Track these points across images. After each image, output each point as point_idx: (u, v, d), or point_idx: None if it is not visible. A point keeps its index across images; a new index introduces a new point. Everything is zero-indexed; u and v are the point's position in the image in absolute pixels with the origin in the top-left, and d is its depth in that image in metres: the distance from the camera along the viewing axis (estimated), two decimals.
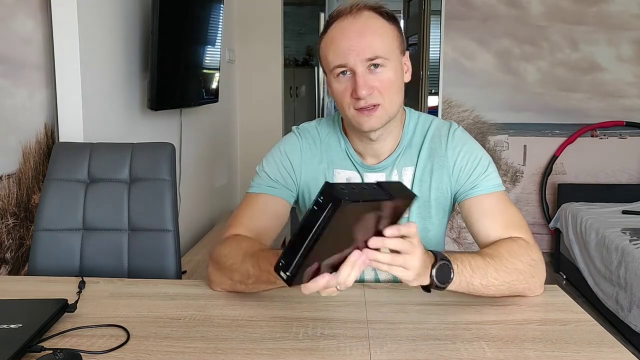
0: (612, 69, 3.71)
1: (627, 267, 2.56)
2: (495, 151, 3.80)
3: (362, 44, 1.06)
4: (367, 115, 1.09)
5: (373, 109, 1.08)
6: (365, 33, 1.06)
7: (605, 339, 0.89)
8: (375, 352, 0.84)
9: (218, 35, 2.72)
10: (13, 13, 1.67)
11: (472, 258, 0.99)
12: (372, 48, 1.06)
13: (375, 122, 1.10)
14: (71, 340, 0.89)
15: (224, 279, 1.07)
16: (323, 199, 0.71)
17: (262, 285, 1.02)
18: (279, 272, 0.76)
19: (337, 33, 1.09)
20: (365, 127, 1.10)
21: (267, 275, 0.97)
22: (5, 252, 1.66)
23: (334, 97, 1.13)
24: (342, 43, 1.07)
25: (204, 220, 2.95)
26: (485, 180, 1.17)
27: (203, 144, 2.91)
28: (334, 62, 1.08)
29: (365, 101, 1.07)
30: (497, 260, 1.00)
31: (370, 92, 1.06)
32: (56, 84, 1.72)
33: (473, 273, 0.97)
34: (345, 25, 1.08)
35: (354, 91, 1.07)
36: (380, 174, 1.21)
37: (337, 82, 1.10)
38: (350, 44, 1.06)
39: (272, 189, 1.20)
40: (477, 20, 3.70)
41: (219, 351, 0.85)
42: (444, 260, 0.93)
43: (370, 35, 1.07)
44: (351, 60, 1.06)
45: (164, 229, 1.38)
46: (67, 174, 1.40)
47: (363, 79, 1.06)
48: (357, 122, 1.11)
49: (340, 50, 1.07)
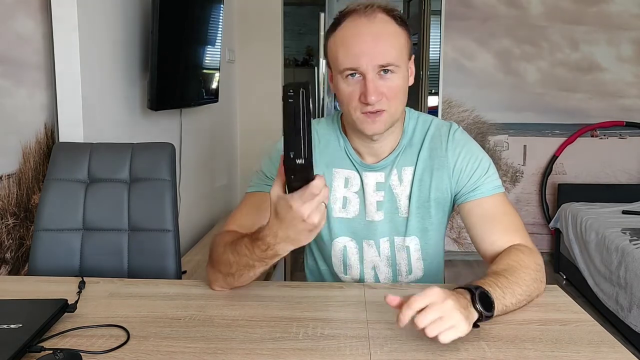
0: (612, 69, 3.71)
1: (627, 267, 2.56)
2: (495, 151, 3.80)
3: (376, 49, 1.05)
4: (372, 120, 1.08)
5: (378, 114, 1.08)
6: (379, 38, 1.05)
7: (605, 339, 0.89)
8: (375, 352, 0.84)
9: (218, 35, 2.72)
10: (13, 13, 1.67)
11: (496, 279, 0.97)
12: (385, 55, 1.05)
13: (380, 127, 1.10)
14: (71, 340, 0.89)
15: (217, 275, 1.08)
16: (292, 90, 0.76)
17: (244, 270, 1.02)
18: (294, 163, 0.78)
19: (350, 33, 1.07)
20: (369, 131, 1.10)
21: (246, 259, 0.98)
22: (5, 252, 1.66)
23: (339, 97, 1.13)
24: (356, 46, 1.05)
25: (204, 220, 2.95)
26: (486, 182, 1.17)
27: (203, 144, 2.91)
28: (345, 64, 1.07)
29: (372, 106, 1.06)
30: (515, 275, 0.99)
31: (379, 98, 1.06)
32: (56, 84, 1.72)
33: (504, 294, 0.95)
34: (359, 27, 1.06)
35: (363, 95, 1.06)
36: (379, 173, 1.21)
37: (344, 83, 1.09)
38: (363, 48, 1.05)
39: (269, 186, 1.19)
40: (477, 20, 3.70)
41: (219, 351, 0.85)
42: (480, 289, 0.90)
43: (384, 42, 1.06)
44: (363, 65, 1.05)
45: (164, 229, 1.38)
46: (67, 174, 1.40)
47: (373, 85, 1.05)
48: (362, 126, 1.10)
49: (353, 53, 1.05)
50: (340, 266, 1.27)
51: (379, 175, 1.21)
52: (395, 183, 1.21)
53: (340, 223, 1.23)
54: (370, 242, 1.24)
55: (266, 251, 0.94)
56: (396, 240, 1.23)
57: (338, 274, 1.28)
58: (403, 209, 1.21)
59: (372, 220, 1.22)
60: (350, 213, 1.22)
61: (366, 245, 1.24)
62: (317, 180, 0.81)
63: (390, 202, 1.21)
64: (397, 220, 1.22)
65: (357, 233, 1.23)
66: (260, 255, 0.96)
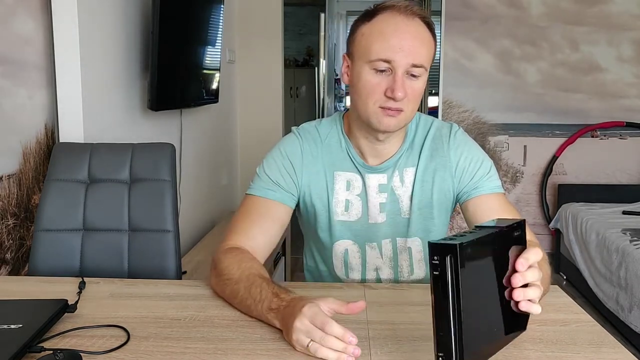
0: (613, 70, 3.71)
1: (628, 267, 2.56)
2: (496, 151, 3.79)
3: (413, 47, 1.06)
4: (390, 115, 1.08)
5: (397, 112, 1.08)
6: (417, 39, 1.07)
7: (605, 340, 0.89)
8: (376, 352, 0.84)
9: (218, 36, 2.72)
10: (13, 13, 1.67)
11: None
12: (420, 55, 1.07)
13: (395, 124, 1.10)
14: (71, 340, 0.89)
15: (219, 288, 1.07)
16: (438, 258, 0.65)
17: (244, 310, 0.99)
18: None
19: (389, 26, 1.07)
20: (384, 126, 1.10)
21: (250, 302, 0.95)
22: (6, 253, 1.66)
23: (358, 88, 1.11)
24: (394, 39, 1.06)
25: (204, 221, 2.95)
26: (488, 181, 1.18)
27: (203, 144, 2.91)
28: (380, 55, 1.06)
29: (395, 103, 1.07)
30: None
31: (404, 96, 1.06)
32: (56, 84, 1.72)
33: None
34: (398, 22, 1.07)
35: (390, 90, 1.06)
36: (381, 175, 1.20)
37: (370, 75, 1.08)
38: (402, 43, 1.05)
39: (273, 192, 1.19)
40: (478, 20, 3.70)
41: (219, 352, 0.85)
42: None
43: (420, 43, 1.07)
44: (398, 59, 1.05)
45: (164, 230, 1.38)
46: (67, 174, 1.40)
47: (402, 82, 1.06)
48: (377, 120, 1.09)
49: (391, 45, 1.06)
50: (342, 268, 1.26)
51: (381, 177, 1.21)
52: (398, 184, 1.21)
53: (342, 226, 1.23)
54: (372, 244, 1.23)
55: (268, 314, 0.92)
56: (398, 242, 1.23)
57: (339, 275, 1.27)
58: (405, 210, 1.21)
59: (375, 222, 1.22)
60: (353, 216, 1.22)
61: (369, 248, 1.24)
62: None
63: (393, 204, 1.21)
64: (400, 222, 1.22)
65: (360, 236, 1.23)
66: (262, 311, 0.93)
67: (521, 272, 0.77)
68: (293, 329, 0.82)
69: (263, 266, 1.09)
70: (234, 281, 1.01)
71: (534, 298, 0.78)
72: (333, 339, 0.79)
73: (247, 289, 0.98)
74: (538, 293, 0.79)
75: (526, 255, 0.78)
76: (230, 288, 1.02)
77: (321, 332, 0.80)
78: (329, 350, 0.79)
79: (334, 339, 0.79)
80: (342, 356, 0.79)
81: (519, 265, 0.77)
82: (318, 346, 0.80)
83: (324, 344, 0.79)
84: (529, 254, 0.78)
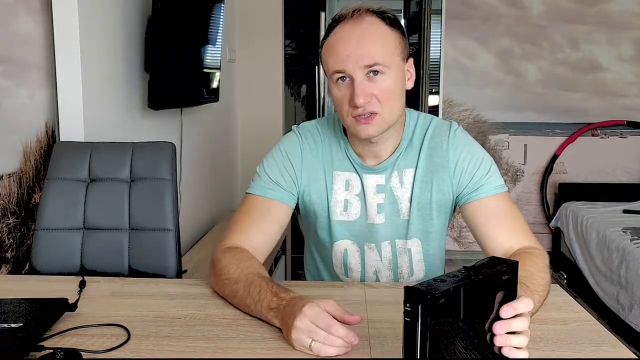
0: (613, 69, 3.71)
1: (628, 266, 2.56)
2: (496, 150, 3.79)
3: (361, 50, 1.04)
4: (364, 123, 1.07)
5: (370, 117, 1.07)
6: (364, 39, 1.05)
7: (606, 339, 0.89)
8: (376, 351, 0.84)
9: (219, 35, 2.72)
10: (13, 13, 1.67)
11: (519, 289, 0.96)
12: (370, 55, 1.05)
13: (373, 130, 1.09)
14: (72, 339, 0.89)
15: (218, 288, 1.07)
16: (410, 305, 0.63)
17: (244, 309, 0.99)
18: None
19: (337, 38, 1.08)
20: (363, 135, 1.10)
21: (250, 301, 0.95)
22: (6, 252, 1.66)
23: (334, 102, 1.13)
24: (341, 49, 1.06)
25: (205, 220, 2.95)
26: (489, 181, 1.16)
27: (204, 143, 2.91)
28: (333, 68, 1.07)
29: (363, 109, 1.06)
30: (533, 282, 0.98)
31: (368, 100, 1.05)
32: (57, 84, 1.72)
33: (539, 305, 0.96)
34: (345, 31, 1.07)
35: (352, 99, 1.06)
36: (379, 175, 1.20)
37: (336, 88, 1.09)
38: (348, 50, 1.05)
39: (273, 192, 1.18)
40: (478, 19, 3.70)
41: (220, 350, 0.85)
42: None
43: (369, 42, 1.05)
44: (349, 67, 1.05)
45: (165, 228, 1.38)
46: (67, 173, 1.40)
47: (361, 87, 1.05)
48: (355, 130, 1.10)
49: (339, 56, 1.06)
50: (342, 268, 1.26)
51: (379, 178, 1.20)
52: (396, 185, 1.20)
53: (341, 226, 1.22)
54: (371, 245, 1.23)
55: (267, 313, 0.92)
56: (398, 243, 1.23)
57: (339, 275, 1.27)
58: (404, 211, 1.21)
59: (373, 223, 1.21)
60: (352, 216, 1.22)
61: (368, 249, 1.23)
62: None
63: (391, 205, 1.21)
64: (399, 223, 1.21)
65: (359, 236, 1.23)
66: (262, 310, 0.93)
67: (505, 320, 0.74)
68: (293, 328, 0.82)
69: (262, 265, 1.09)
70: (233, 281, 1.01)
71: (519, 345, 0.76)
72: (336, 339, 0.80)
73: (246, 288, 0.98)
74: (524, 341, 0.75)
75: (514, 305, 0.74)
76: (229, 288, 1.02)
77: (324, 332, 0.80)
78: (331, 348, 0.80)
79: (336, 339, 0.80)
80: (342, 348, 0.81)
81: (503, 312, 0.73)
82: (321, 346, 0.80)
83: (327, 344, 0.80)
84: (519, 304, 0.75)
